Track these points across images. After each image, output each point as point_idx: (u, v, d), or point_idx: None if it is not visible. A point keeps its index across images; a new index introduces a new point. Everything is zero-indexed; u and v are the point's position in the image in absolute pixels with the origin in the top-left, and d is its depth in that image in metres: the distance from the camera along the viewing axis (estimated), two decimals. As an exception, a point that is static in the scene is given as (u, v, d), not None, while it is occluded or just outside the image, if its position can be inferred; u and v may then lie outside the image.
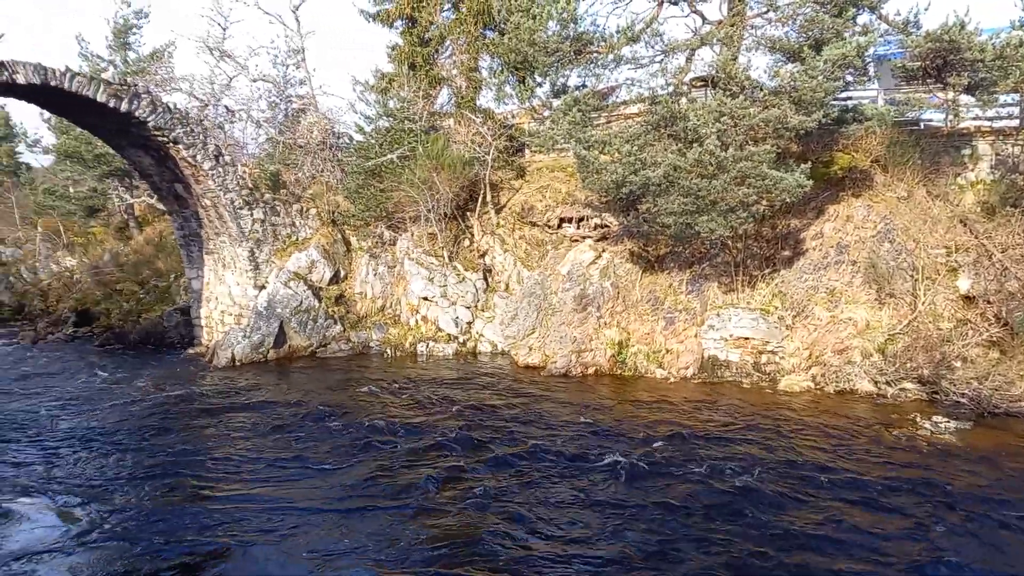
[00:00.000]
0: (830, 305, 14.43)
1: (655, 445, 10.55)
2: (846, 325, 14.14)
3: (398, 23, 23.22)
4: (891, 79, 15.70)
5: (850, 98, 15.77)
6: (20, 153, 39.28)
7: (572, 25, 14.40)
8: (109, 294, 22.36)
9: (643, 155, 13.72)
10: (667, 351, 15.41)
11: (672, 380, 14.90)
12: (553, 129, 15.21)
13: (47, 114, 24.83)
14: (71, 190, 26.19)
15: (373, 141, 20.57)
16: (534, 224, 19.43)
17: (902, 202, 15.04)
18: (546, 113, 17.13)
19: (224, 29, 24.12)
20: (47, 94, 14.68)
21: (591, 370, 15.58)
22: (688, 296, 15.74)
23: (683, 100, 14.47)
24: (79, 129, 21.41)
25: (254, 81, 23.73)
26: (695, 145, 13.00)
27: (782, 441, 10.77)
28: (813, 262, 14.91)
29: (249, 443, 11.08)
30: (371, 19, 23.17)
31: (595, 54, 15.05)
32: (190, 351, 18.90)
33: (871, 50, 13.81)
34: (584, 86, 15.58)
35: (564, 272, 16.70)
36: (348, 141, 23.08)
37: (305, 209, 19.81)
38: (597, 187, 14.91)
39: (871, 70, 15.50)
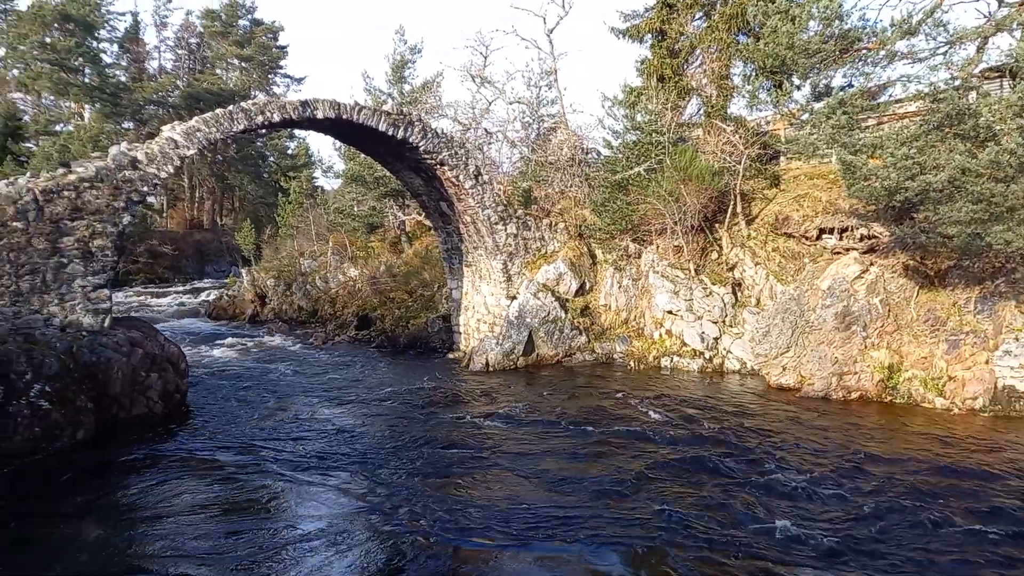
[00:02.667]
0: None
1: (957, 494, 9.31)
2: None
3: (647, 37, 23.32)
4: None
5: None
6: (316, 178, 45.63)
7: (837, 23, 13.34)
8: (384, 301, 25.02)
9: (922, 158, 12.27)
10: (949, 378, 13.58)
11: (956, 412, 13.10)
12: (814, 134, 14.17)
13: (338, 143, 28.49)
14: (355, 209, 29.78)
15: (620, 155, 20.80)
16: (789, 235, 18.26)
17: None
18: (805, 117, 16.00)
19: (485, 58, 25.97)
20: (340, 126, 16.90)
21: (854, 395, 14.25)
22: (977, 317, 13.74)
23: (972, 95, 12.72)
24: (363, 156, 24.30)
25: (510, 104, 25.26)
26: (990, 145, 11.34)
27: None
28: None
29: (498, 444, 11.72)
30: (621, 35, 23.52)
31: (863, 51, 13.79)
32: (450, 355, 20.49)
33: None
34: (850, 86, 14.32)
35: (824, 287, 15.47)
36: (596, 156, 23.61)
37: (554, 223, 20.57)
38: (865, 195, 13.62)
39: None
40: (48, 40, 48.36)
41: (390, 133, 16.83)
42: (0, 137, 39.61)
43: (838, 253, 16.67)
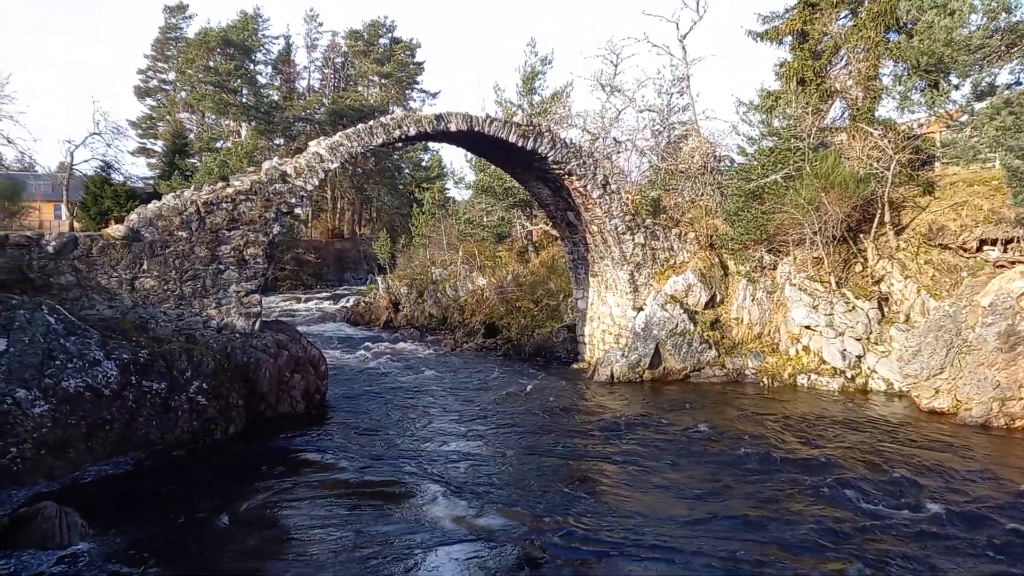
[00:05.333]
0: None
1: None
2: None
3: (787, 39, 22.37)
4: None
5: None
6: (448, 189, 47.05)
7: (1003, 15, 12.23)
8: (510, 310, 25.35)
9: (1105, 162, 11.00)
10: None
11: None
12: (975, 137, 13.07)
13: (469, 155, 29.21)
14: (484, 219, 30.40)
15: (755, 162, 20.00)
16: (944, 247, 16.85)
17: None
18: (964, 119, 14.75)
19: (615, 66, 25.82)
20: (471, 138, 17.33)
21: (1019, 423, 12.93)
22: None
23: None
24: (493, 167, 24.79)
25: (640, 112, 24.93)
26: None
27: None
28: None
29: (622, 458, 11.55)
30: (758, 38, 22.69)
31: (1035, 45, 12.55)
32: (574, 366, 20.43)
33: None
34: (1018, 84, 13.10)
35: (985, 303, 14.13)
36: (728, 164, 22.84)
37: (683, 233, 20.07)
38: (1035, 203, 12.38)
39: None
40: (211, 64, 52.99)
41: (519, 144, 17.06)
42: (169, 154, 43.69)
43: (1002, 266, 15.21)
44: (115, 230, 13.14)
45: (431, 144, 54.76)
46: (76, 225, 35.75)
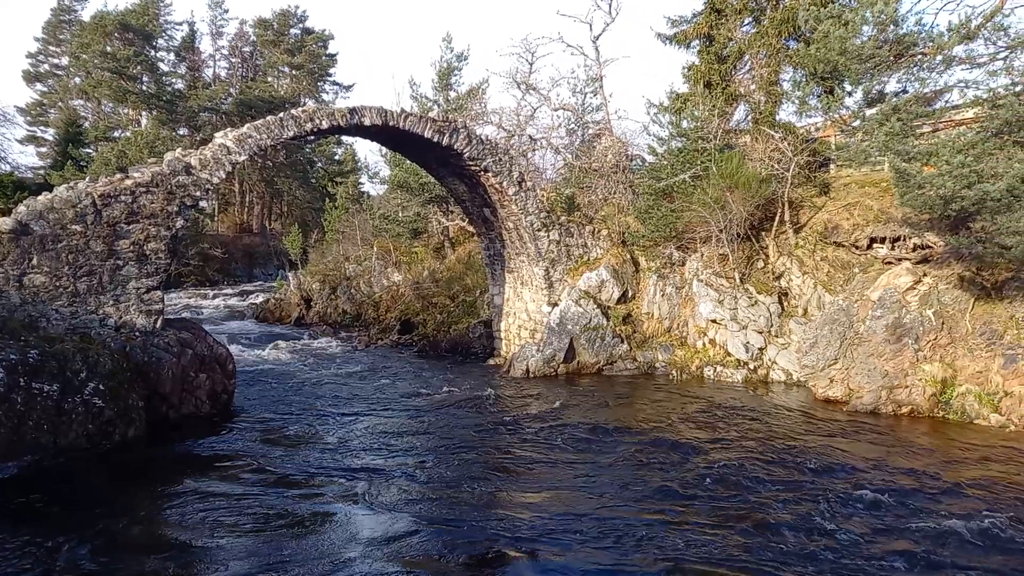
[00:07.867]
0: None
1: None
2: None
3: (695, 43, 23.15)
4: None
5: None
6: (363, 183, 46.32)
7: (892, 27, 13.02)
8: (426, 306, 25.22)
9: (979, 166, 11.87)
10: (1006, 394, 13.09)
11: (1012, 429, 12.61)
12: (866, 141, 13.86)
13: (384, 150, 28.85)
14: (400, 215, 30.10)
15: (665, 162, 20.62)
16: (839, 245, 17.85)
17: None
18: (856, 124, 15.65)
19: (531, 64, 26.03)
20: (386, 132, 17.11)
21: (905, 409, 13.85)
22: (1037, 331, 13.22)
23: (1034, 100, 12.25)
24: (408, 162, 24.57)
25: (555, 110, 25.23)
26: (1051, 152, 10.93)
27: None
28: None
29: (540, 451, 11.70)
30: (668, 41, 23.39)
31: (919, 56, 13.43)
32: (490, 361, 20.52)
33: None
34: (904, 92, 13.97)
35: (874, 298, 15.08)
36: (640, 163, 23.45)
37: (597, 230, 20.48)
38: (918, 204, 13.24)
39: None
40: (109, 49, 50.14)
41: (435, 140, 16.98)
42: (61, 143, 41.17)
43: (889, 263, 16.25)
44: (1, 223, 12.29)
45: (345, 138, 53.70)
46: (-45, 217, 33.21)
